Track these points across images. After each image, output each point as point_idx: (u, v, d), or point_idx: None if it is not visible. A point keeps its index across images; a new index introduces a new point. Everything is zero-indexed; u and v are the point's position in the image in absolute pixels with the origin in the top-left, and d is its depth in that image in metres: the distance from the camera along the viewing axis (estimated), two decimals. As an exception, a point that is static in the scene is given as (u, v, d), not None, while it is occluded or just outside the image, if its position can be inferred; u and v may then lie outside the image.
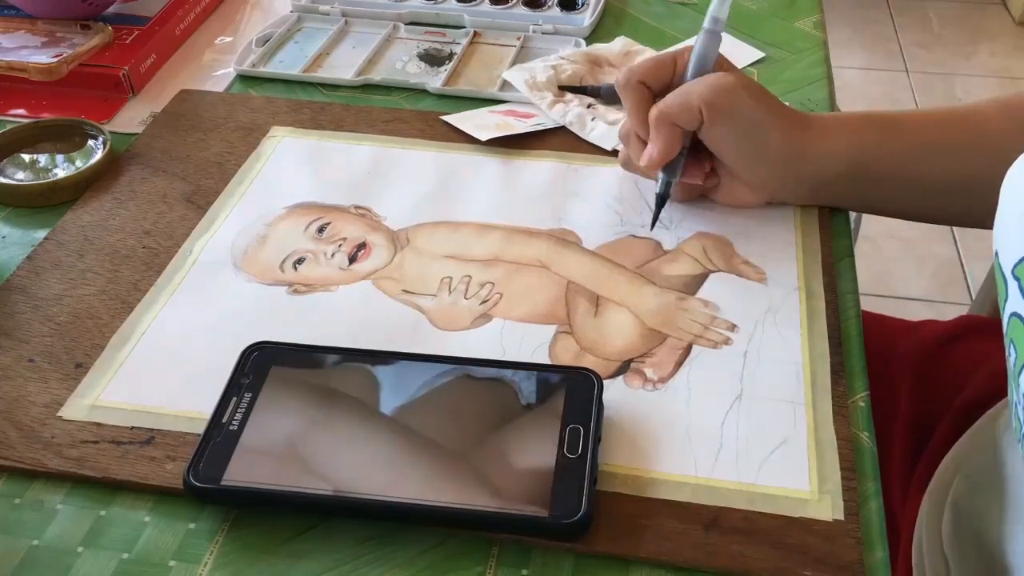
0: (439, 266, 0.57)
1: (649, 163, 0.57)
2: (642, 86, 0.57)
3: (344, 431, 0.45)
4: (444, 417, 0.45)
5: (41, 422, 0.47)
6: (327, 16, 0.84)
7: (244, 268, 0.57)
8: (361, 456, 0.44)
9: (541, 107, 0.69)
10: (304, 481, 0.42)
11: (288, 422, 0.45)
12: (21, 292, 0.55)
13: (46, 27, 0.78)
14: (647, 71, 0.57)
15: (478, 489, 0.42)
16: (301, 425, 0.45)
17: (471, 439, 0.44)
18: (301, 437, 0.44)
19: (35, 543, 0.42)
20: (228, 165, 0.65)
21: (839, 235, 0.59)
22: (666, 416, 0.47)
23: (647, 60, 0.58)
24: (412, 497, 0.42)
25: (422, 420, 0.45)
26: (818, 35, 0.82)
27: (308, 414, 0.45)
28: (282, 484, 0.42)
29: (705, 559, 0.41)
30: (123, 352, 0.51)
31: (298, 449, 0.44)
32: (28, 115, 0.71)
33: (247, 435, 0.44)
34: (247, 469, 0.43)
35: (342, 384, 0.47)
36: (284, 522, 0.43)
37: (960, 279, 1.81)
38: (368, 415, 0.45)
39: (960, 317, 0.79)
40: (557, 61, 0.74)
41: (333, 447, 0.44)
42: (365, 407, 0.46)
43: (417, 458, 0.43)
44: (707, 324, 0.53)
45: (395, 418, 0.45)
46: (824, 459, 0.45)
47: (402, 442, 0.44)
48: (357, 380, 0.47)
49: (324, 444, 0.44)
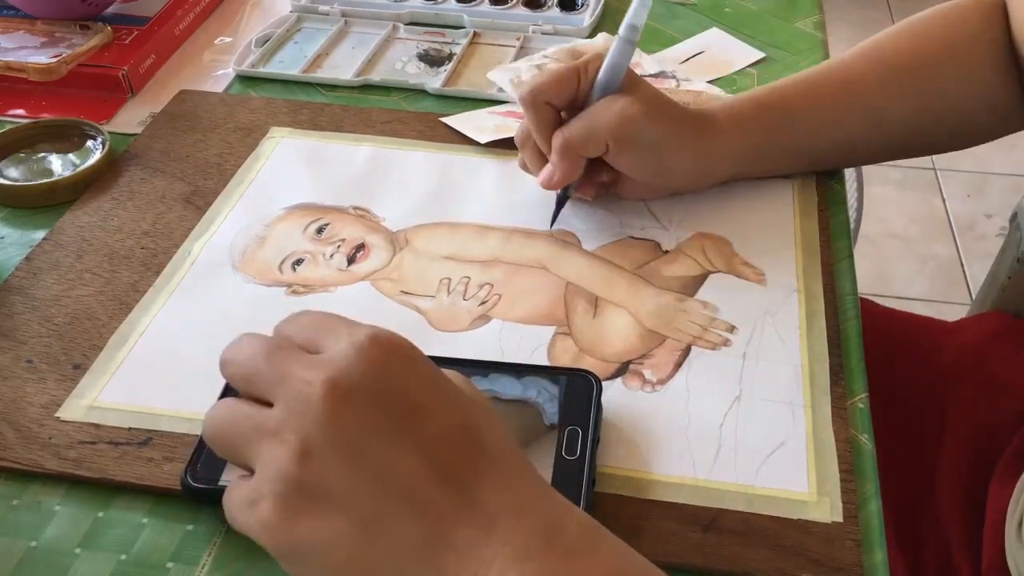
0: (438, 267, 0.57)
1: (549, 185, 0.57)
2: (547, 106, 0.56)
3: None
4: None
5: (39, 423, 0.47)
6: (327, 16, 0.84)
7: (243, 269, 0.57)
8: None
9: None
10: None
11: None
12: (19, 293, 0.55)
13: (45, 27, 0.78)
14: (551, 89, 0.56)
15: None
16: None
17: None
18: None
19: (33, 544, 0.42)
20: (227, 166, 0.65)
21: (838, 236, 0.59)
22: (665, 417, 0.47)
23: (550, 76, 0.56)
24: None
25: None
26: (818, 35, 0.82)
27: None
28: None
29: (704, 561, 0.41)
30: (121, 353, 0.51)
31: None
32: (27, 115, 0.71)
33: (245, 436, 0.44)
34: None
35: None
36: (282, 523, 0.43)
37: (960, 279, 1.81)
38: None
39: (995, 313, 0.78)
40: (542, 60, 0.74)
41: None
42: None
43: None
44: (706, 325, 0.53)
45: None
46: (823, 461, 0.45)
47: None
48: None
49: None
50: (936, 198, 2.02)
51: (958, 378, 0.71)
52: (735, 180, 0.62)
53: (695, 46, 0.79)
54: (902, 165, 2.09)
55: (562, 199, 0.60)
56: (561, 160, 0.56)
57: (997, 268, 0.82)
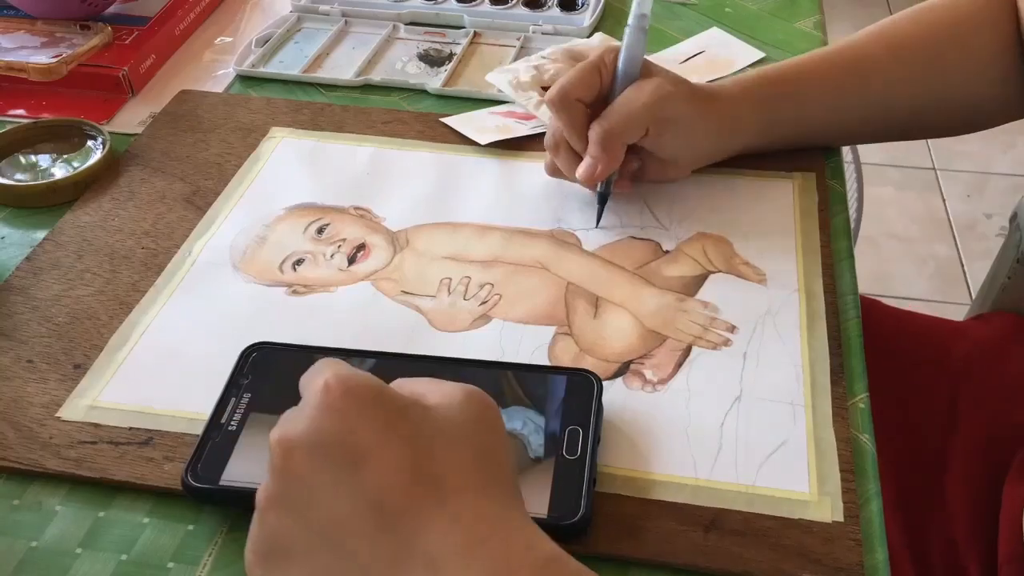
0: (438, 267, 0.57)
1: (593, 179, 0.58)
2: (578, 103, 0.57)
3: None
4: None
5: (39, 423, 0.47)
6: (327, 16, 0.84)
7: (243, 269, 0.57)
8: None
9: (528, 107, 0.69)
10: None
11: (287, 423, 0.45)
12: (20, 293, 0.55)
13: (46, 27, 0.78)
14: (579, 87, 0.57)
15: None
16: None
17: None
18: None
19: (34, 544, 0.42)
20: (227, 166, 0.65)
21: (839, 236, 0.59)
22: (665, 417, 0.47)
23: (575, 75, 0.57)
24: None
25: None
26: (818, 35, 0.82)
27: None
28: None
29: (704, 560, 0.41)
30: (122, 353, 0.51)
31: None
32: (27, 115, 0.71)
33: (246, 435, 0.44)
34: (246, 470, 0.43)
35: (341, 385, 0.47)
36: (283, 523, 0.43)
37: (960, 279, 1.81)
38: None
39: (1001, 313, 0.78)
40: (539, 61, 0.74)
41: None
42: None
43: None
44: (706, 325, 0.53)
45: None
46: (824, 461, 0.45)
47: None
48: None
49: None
50: (936, 198, 2.02)
51: (969, 378, 0.71)
52: (749, 152, 0.63)
53: (695, 46, 0.79)
54: (902, 165, 2.09)
55: (604, 196, 0.60)
56: (603, 151, 0.57)
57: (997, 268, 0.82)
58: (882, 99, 0.63)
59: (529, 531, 0.34)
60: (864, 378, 0.50)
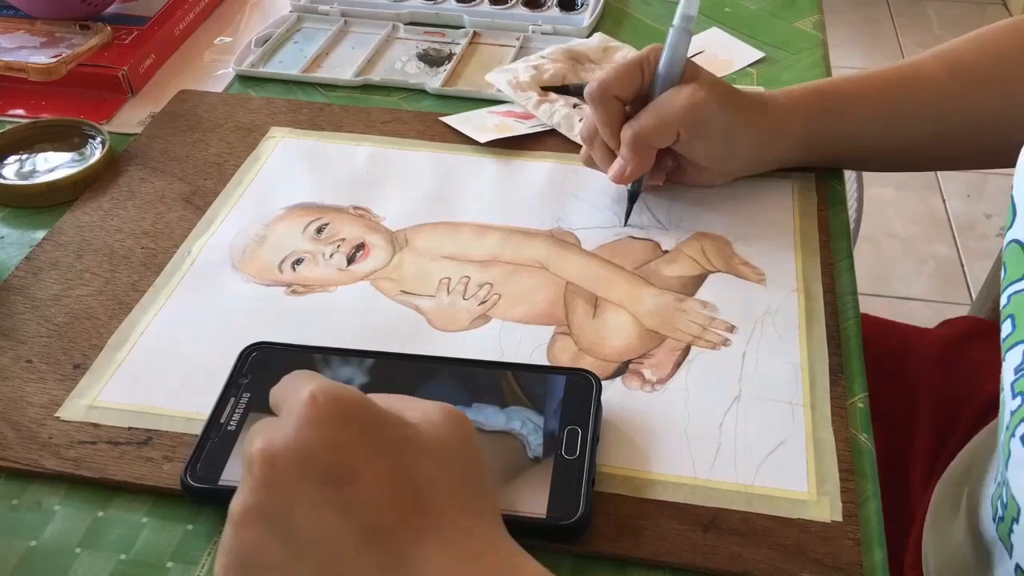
0: (438, 267, 0.57)
1: (621, 180, 0.58)
2: (615, 100, 0.57)
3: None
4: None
5: (39, 423, 0.47)
6: (326, 16, 0.84)
7: (242, 269, 0.57)
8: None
9: (527, 107, 0.69)
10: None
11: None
12: (19, 292, 0.55)
13: (45, 27, 0.78)
14: (619, 83, 0.57)
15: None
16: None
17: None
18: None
19: (33, 544, 0.42)
20: (227, 166, 0.65)
21: (838, 236, 0.59)
22: (664, 417, 0.47)
23: (617, 70, 0.57)
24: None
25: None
26: (817, 35, 0.82)
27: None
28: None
29: (703, 560, 0.41)
30: (121, 353, 0.51)
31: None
32: (27, 115, 0.71)
33: (245, 436, 0.44)
34: (245, 470, 0.43)
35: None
36: (282, 523, 0.43)
37: (960, 279, 1.81)
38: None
39: (966, 317, 0.78)
40: (538, 60, 0.74)
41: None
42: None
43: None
44: (705, 325, 0.53)
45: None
46: (823, 460, 0.45)
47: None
48: (355, 381, 0.47)
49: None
50: (936, 198, 2.01)
51: (919, 383, 0.71)
52: (791, 166, 0.62)
53: (695, 46, 0.79)
54: (902, 165, 2.08)
55: (634, 194, 0.60)
56: (633, 154, 0.57)
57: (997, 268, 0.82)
58: (937, 116, 0.61)
59: (514, 549, 0.34)
60: (863, 378, 0.50)
